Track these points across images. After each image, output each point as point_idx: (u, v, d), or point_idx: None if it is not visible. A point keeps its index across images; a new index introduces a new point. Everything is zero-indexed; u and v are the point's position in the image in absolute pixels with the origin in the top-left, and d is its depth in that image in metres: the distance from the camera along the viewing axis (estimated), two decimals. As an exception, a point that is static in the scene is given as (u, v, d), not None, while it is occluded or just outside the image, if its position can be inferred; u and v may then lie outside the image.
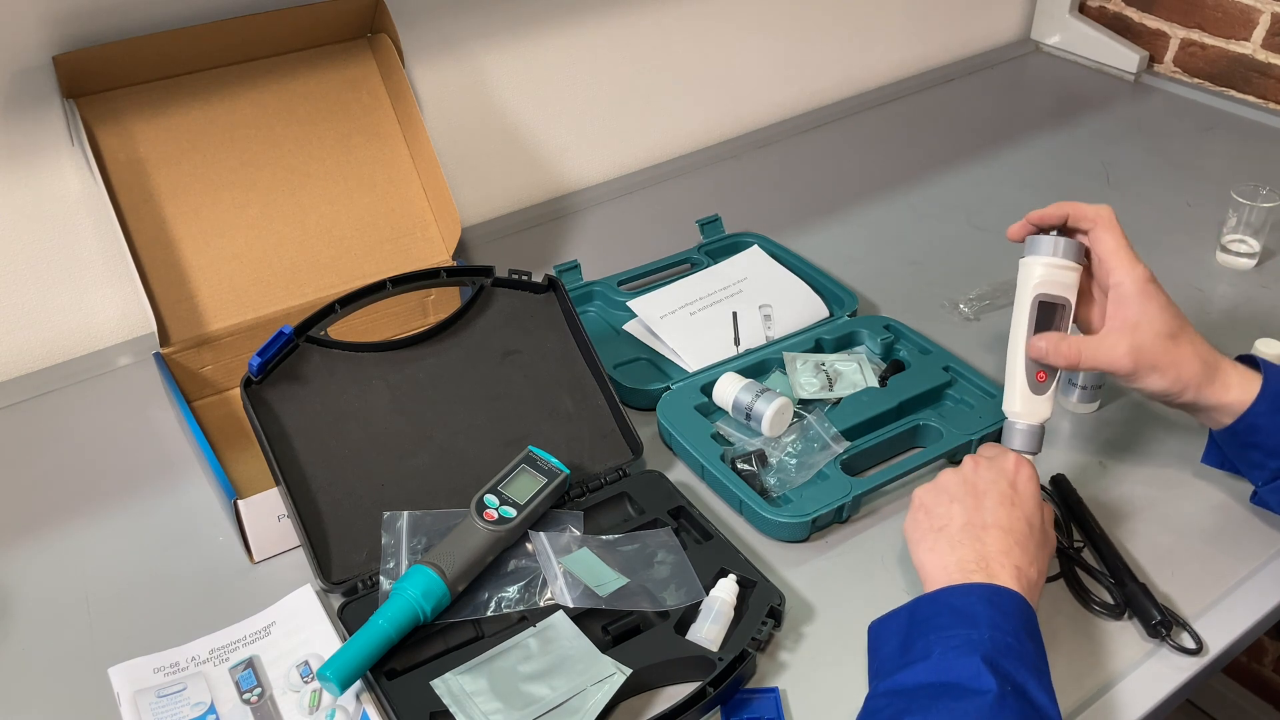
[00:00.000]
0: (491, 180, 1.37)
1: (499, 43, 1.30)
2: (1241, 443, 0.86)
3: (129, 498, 0.97)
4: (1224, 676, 1.85)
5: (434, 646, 0.81)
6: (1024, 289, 0.88)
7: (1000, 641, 0.70)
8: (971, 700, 0.67)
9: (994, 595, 0.74)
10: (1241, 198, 1.23)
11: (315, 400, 0.90)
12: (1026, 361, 0.86)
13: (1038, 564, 0.78)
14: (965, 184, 1.44)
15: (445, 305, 1.17)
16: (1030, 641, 0.72)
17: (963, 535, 0.79)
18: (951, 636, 0.71)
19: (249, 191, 1.10)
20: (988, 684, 0.67)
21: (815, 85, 1.63)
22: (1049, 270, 0.86)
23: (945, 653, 0.70)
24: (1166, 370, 0.84)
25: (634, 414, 0.99)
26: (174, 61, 1.06)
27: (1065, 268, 0.86)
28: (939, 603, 0.75)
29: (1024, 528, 0.79)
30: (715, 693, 0.76)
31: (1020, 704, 0.67)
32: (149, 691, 0.79)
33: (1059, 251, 0.86)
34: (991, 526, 0.79)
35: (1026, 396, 0.87)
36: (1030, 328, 0.87)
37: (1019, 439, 0.87)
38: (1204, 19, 1.64)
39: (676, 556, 0.86)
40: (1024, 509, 0.80)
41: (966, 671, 0.68)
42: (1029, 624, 0.73)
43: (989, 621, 0.72)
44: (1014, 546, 0.78)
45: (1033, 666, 0.70)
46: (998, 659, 0.69)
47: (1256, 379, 0.85)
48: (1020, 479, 0.82)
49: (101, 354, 1.15)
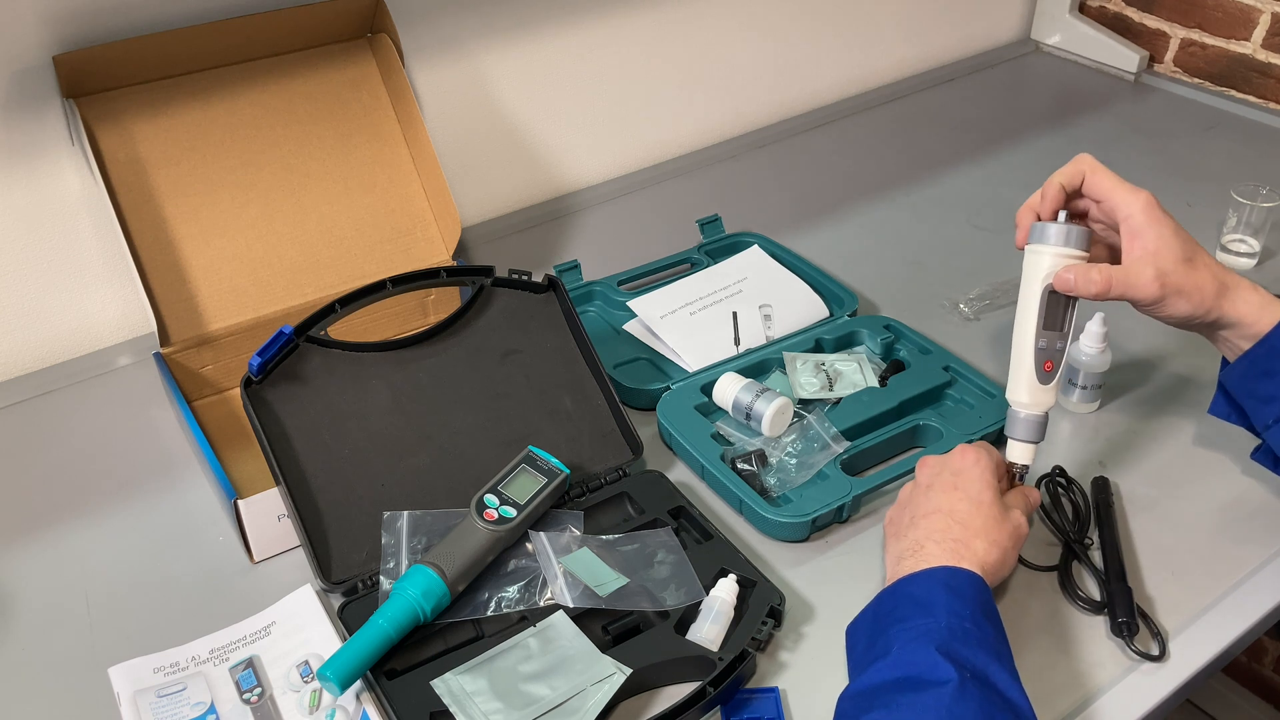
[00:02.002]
0: (491, 180, 1.37)
1: (499, 43, 1.30)
2: (1259, 370, 0.85)
3: (129, 498, 0.97)
4: (1224, 676, 1.85)
5: (434, 646, 0.81)
6: (1032, 278, 0.86)
7: (957, 628, 0.71)
8: (931, 692, 0.68)
9: (949, 577, 0.75)
10: (1241, 198, 1.23)
11: (315, 400, 0.90)
12: (1035, 351, 0.86)
13: (988, 537, 0.79)
14: (965, 184, 1.44)
15: (445, 305, 1.17)
16: (988, 622, 0.73)
17: (908, 529, 0.82)
18: (910, 628, 0.72)
19: (249, 191, 1.10)
20: (946, 673, 0.68)
21: (815, 85, 1.63)
22: (1058, 259, 0.85)
23: (904, 646, 0.71)
24: (1191, 293, 0.84)
25: (634, 414, 0.99)
26: (174, 61, 1.06)
27: (1074, 257, 0.85)
28: (898, 594, 0.77)
29: (966, 507, 0.80)
30: (715, 692, 0.76)
31: (981, 689, 0.68)
32: (149, 691, 0.79)
33: (1070, 241, 0.85)
34: (931, 514, 0.81)
35: (1034, 386, 0.86)
36: (1040, 318, 0.85)
37: (1023, 428, 0.86)
38: (1204, 19, 1.64)
39: (676, 556, 0.86)
40: (967, 490, 0.82)
41: (925, 663, 0.69)
42: (985, 604, 0.74)
43: (945, 607, 0.73)
44: (954, 525, 0.79)
45: (992, 649, 0.71)
46: (955, 647, 0.70)
47: (1277, 304, 0.85)
48: (963, 465, 0.84)
49: (101, 354, 1.15)
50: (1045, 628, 0.84)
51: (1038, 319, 0.86)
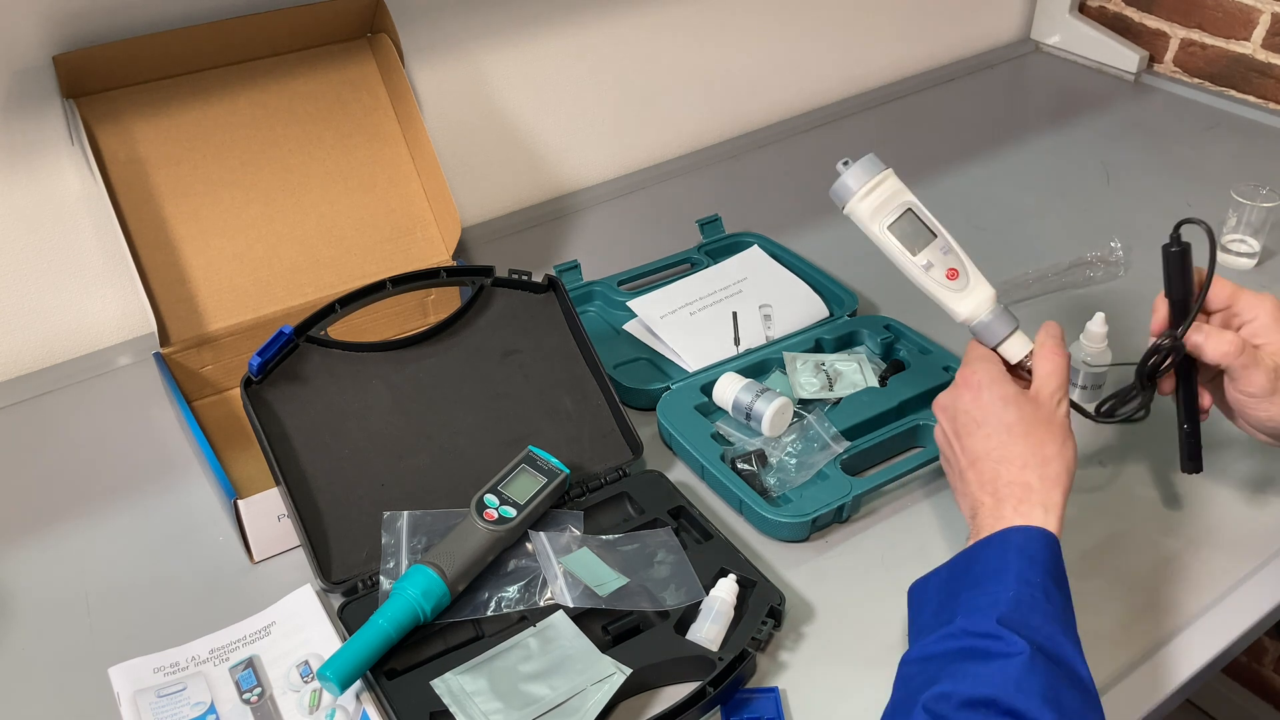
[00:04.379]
0: (491, 180, 1.37)
1: (499, 43, 1.30)
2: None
3: (129, 498, 0.97)
4: (1224, 676, 1.85)
5: (434, 646, 0.81)
6: (870, 227, 0.86)
7: (1026, 596, 0.70)
8: (999, 662, 0.67)
9: (1024, 541, 0.74)
10: (1241, 198, 1.23)
11: (315, 400, 0.90)
12: (928, 275, 0.85)
13: (1037, 456, 0.77)
14: (965, 184, 1.44)
15: (445, 305, 1.17)
16: (1057, 589, 0.72)
17: (961, 485, 0.81)
18: (981, 594, 0.71)
19: (249, 191, 1.10)
20: (1016, 645, 0.67)
21: (815, 85, 1.63)
22: (868, 199, 0.86)
23: (971, 614, 0.70)
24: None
25: (634, 414, 0.99)
26: (174, 61, 1.06)
27: (877, 183, 0.85)
28: (972, 558, 0.75)
29: (1000, 440, 0.79)
30: (715, 692, 0.76)
31: (1048, 662, 0.67)
32: (149, 691, 0.79)
33: (866, 175, 0.85)
34: (975, 462, 0.80)
35: (957, 297, 0.85)
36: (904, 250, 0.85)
37: (991, 331, 0.85)
38: (1204, 19, 1.64)
39: (676, 556, 0.86)
40: (990, 423, 0.80)
41: (993, 633, 0.68)
42: (1055, 568, 0.73)
43: (1017, 574, 0.72)
44: (998, 466, 0.78)
45: (1059, 619, 0.71)
46: (1024, 616, 0.69)
47: None
48: (973, 402, 0.81)
49: (101, 354, 1.15)
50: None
51: (903, 252, 0.86)
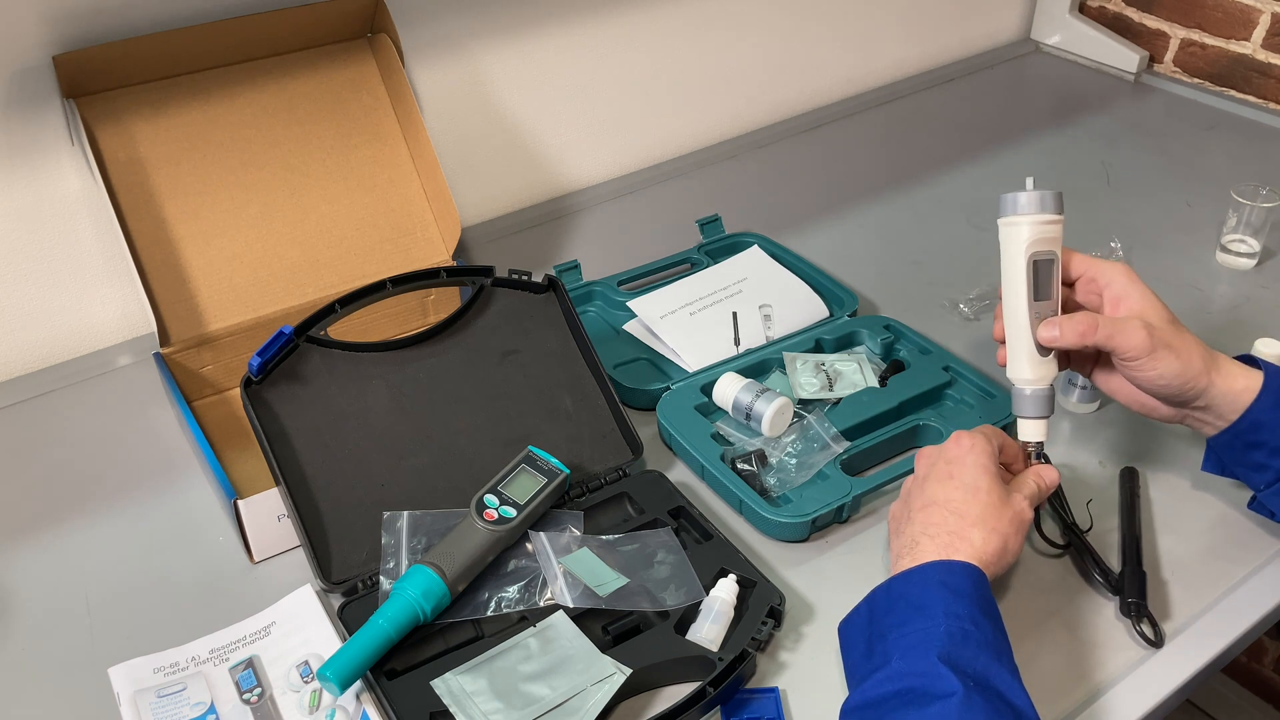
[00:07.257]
0: (491, 180, 1.37)
1: (499, 43, 1.30)
2: (1244, 443, 0.85)
3: (129, 498, 0.97)
4: (1224, 676, 1.85)
5: (434, 646, 0.81)
6: (1014, 252, 0.85)
7: (956, 630, 0.70)
8: (936, 705, 0.67)
9: (946, 574, 0.74)
10: (1241, 198, 1.23)
11: (315, 400, 0.90)
12: (1030, 325, 0.85)
13: (986, 525, 0.78)
14: (965, 184, 1.44)
15: (445, 305, 1.17)
16: (987, 620, 0.72)
17: (906, 524, 0.81)
18: (909, 633, 0.71)
19: (249, 191, 1.10)
20: (950, 685, 0.67)
21: (815, 85, 1.63)
22: (1036, 228, 0.84)
23: (904, 655, 0.70)
24: (1180, 350, 0.82)
25: (634, 414, 0.99)
26: (174, 61, 1.06)
27: (1052, 221, 0.84)
28: (893, 593, 0.75)
29: (961, 496, 0.79)
30: (715, 693, 0.76)
31: (986, 697, 0.67)
32: (149, 691, 0.79)
33: (1047, 206, 0.84)
34: (927, 506, 0.80)
35: (1034, 360, 0.85)
36: (1029, 290, 0.84)
37: (1030, 405, 0.86)
38: (1204, 19, 1.64)
39: (676, 556, 0.86)
40: (962, 479, 0.80)
41: (928, 674, 0.68)
42: (983, 599, 0.73)
43: (943, 608, 0.72)
44: (949, 516, 0.78)
45: (993, 649, 0.70)
46: (956, 652, 0.69)
47: (1257, 375, 0.84)
48: (957, 453, 0.82)
49: (101, 354, 1.15)
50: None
51: (1027, 292, 0.85)
